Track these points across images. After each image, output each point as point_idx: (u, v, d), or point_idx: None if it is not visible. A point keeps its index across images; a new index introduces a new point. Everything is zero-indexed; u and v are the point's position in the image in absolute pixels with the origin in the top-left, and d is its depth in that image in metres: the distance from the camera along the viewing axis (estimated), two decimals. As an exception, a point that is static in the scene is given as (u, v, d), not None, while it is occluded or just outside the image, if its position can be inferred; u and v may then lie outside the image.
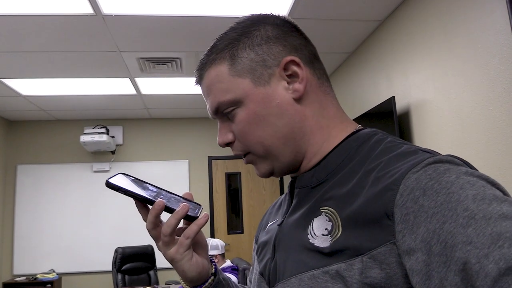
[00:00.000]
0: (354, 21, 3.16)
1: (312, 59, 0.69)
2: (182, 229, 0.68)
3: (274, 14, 0.70)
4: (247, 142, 0.68)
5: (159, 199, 0.65)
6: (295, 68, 0.66)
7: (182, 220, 0.67)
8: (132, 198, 0.66)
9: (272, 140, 0.66)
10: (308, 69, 0.68)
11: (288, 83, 0.66)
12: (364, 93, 3.61)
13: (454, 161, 0.54)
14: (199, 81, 0.72)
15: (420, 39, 2.71)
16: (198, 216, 0.67)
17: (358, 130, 0.69)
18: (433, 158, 0.54)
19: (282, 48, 0.67)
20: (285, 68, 0.66)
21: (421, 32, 2.70)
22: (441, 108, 2.52)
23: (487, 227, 0.44)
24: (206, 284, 0.73)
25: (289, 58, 0.66)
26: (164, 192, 0.69)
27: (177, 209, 0.65)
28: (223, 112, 0.69)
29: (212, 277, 0.74)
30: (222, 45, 0.67)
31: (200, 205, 0.70)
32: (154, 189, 0.69)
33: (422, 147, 0.60)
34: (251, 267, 0.83)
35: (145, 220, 0.67)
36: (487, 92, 2.14)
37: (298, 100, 0.67)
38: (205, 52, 0.70)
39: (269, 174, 0.71)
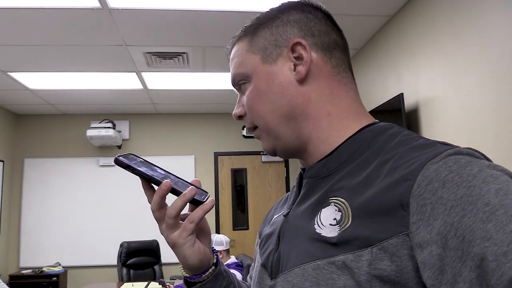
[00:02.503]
0: (362, 16, 3.12)
1: (332, 47, 0.68)
2: (187, 215, 0.67)
3: (309, 1, 0.71)
4: (252, 115, 0.70)
5: (166, 180, 0.65)
6: (301, 50, 0.66)
7: (187, 206, 0.67)
8: (139, 178, 0.66)
9: (272, 117, 0.68)
10: (321, 55, 0.67)
11: (294, 65, 0.67)
12: (372, 89, 3.58)
13: (474, 154, 0.52)
14: (228, 56, 0.75)
15: (430, 35, 2.67)
16: (205, 201, 0.66)
17: (373, 123, 0.67)
18: (453, 149, 0.52)
19: (297, 31, 0.67)
20: (293, 50, 0.67)
21: (430, 28, 2.66)
22: (451, 105, 2.48)
23: (508, 224, 0.42)
24: (207, 273, 0.71)
25: (296, 40, 0.66)
26: (172, 176, 0.68)
27: (184, 192, 0.64)
28: (238, 84, 0.72)
29: (213, 267, 0.72)
30: (251, 24, 0.71)
31: (207, 192, 0.69)
32: (162, 172, 0.68)
33: (440, 141, 0.58)
34: (253, 263, 0.82)
35: (149, 201, 0.67)
36: (497, 89, 2.10)
37: (302, 82, 0.66)
38: None
39: (272, 151, 0.72)
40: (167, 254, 5.22)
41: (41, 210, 5.60)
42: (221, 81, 4.55)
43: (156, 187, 0.66)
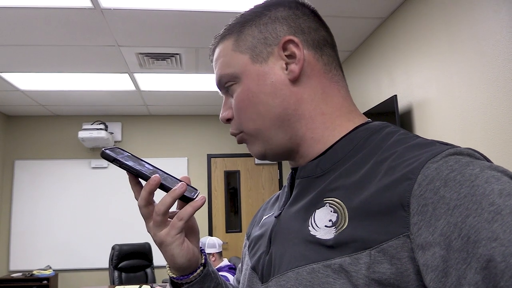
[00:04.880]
0: (356, 18, 3.12)
1: (322, 44, 0.66)
2: (175, 214, 0.65)
3: None
4: (241, 119, 0.67)
5: (155, 175, 0.62)
6: (293, 48, 0.64)
7: (176, 203, 0.64)
8: (126, 172, 0.64)
9: (263, 119, 0.65)
10: (312, 53, 0.65)
11: (286, 63, 0.64)
12: (365, 91, 3.58)
13: (475, 154, 0.51)
14: (211, 57, 0.72)
15: (423, 37, 2.67)
16: (195, 198, 0.64)
17: (367, 122, 0.65)
18: (453, 149, 0.50)
19: (286, 28, 0.65)
20: (284, 48, 0.64)
21: (424, 30, 2.66)
22: (444, 107, 2.49)
23: None
24: (195, 274, 0.68)
25: (287, 37, 0.64)
26: (160, 171, 0.65)
27: (174, 188, 0.62)
28: (225, 86, 0.68)
29: (201, 268, 0.70)
30: (235, 23, 0.68)
31: (197, 189, 0.66)
32: (150, 167, 0.65)
33: (438, 140, 0.56)
34: (239, 265, 0.79)
35: (136, 197, 0.64)
36: (490, 91, 2.10)
37: (294, 81, 0.64)
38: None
39: (262, 155, 0.68)
40: (159, 257, 5.17)
41: (32, 212, 5.54)
42: (215, 82, 4.52)
43: (143, 183, 0.63)
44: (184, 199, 0.64)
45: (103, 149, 0.64)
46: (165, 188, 0.63)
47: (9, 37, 3.22)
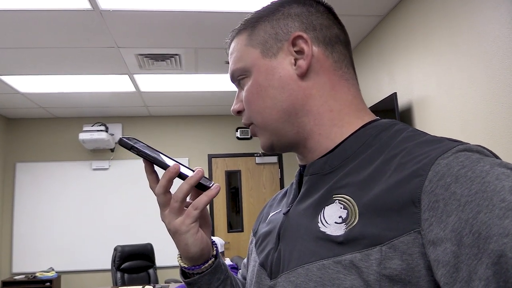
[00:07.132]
0: (355, 16, 3.12)
1: (334, 42, 0.67)
2: (190, 204, 0.67)
3: None
4: (250, 111, 0.69)
5: (175, 163, 0.64)
6: (302, 44, 0.65)
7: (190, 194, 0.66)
8: (143, 160, 0.65)
9: (271, 112, 0.66)
10: (322, 50, 0.66)
11: (295, 59, 0.65)
12: (365, 89, 3.58)
13: (484, 151, 0.52)
14: (227, 50, 0.74)
15: (423, 34, 2.67)
16: (210, 187, 0.66)
17: (376, 120, 0.66)
18: (463, 145, 0.51)
19: (298, 25, 0.66)
20: (294, 44, 0.65)
21: (423, 27, 2.66)
22: (444, 104, 2.49)
23: None
24: (206, 265, 0.70)
25: (297, 33, 0.65)
26: (175, 161, 0.68)
27: (192, 174, 0.64)
28: (237, 79, 0.70)
29: (213, 259, 0.71)
30: (250, 18, 0.70)
31: (211, 180, 0.68)
32: (165, 157, 0.68)
33: (448, 137, 0.57)
34: (244, 260, 0.80)
35: (151, 186, 0.67)
36: (490, 88, 2.10)
37: (302, 77, 0.65)
38: None
39: (269, 147, 0.70)
40: (161, 258, 5.18)
41: (34, 214, 5.54)
42: (214, 82, 4.53)
43: (158, 171, 0.65)
44: (200, 187, 0.65)
45: (120, 137, 0.65)
46: (182, 177, 0.65)
47: (8, 40, 3.22)
